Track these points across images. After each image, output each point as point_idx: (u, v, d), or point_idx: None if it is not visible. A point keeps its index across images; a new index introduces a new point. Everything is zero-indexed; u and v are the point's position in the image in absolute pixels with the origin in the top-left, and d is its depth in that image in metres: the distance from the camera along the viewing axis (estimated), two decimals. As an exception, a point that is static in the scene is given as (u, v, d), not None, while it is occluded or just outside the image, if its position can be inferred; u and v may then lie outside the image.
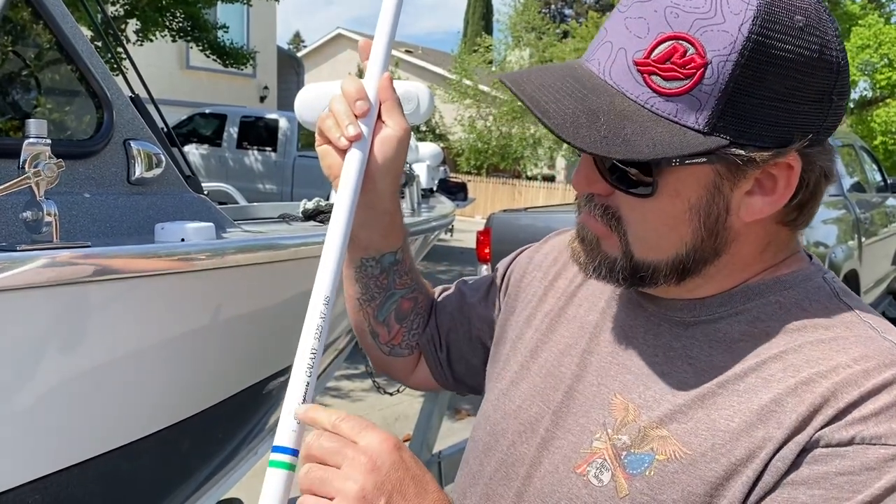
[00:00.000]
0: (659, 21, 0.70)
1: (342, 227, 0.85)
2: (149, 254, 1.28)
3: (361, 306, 1.05)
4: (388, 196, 0.94)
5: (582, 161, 0.79)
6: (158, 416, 1.47)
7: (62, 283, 1.14)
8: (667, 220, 0.76)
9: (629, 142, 0.69)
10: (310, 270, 1.74)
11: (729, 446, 0.72)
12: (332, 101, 0.89)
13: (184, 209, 1.50)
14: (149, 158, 1.43)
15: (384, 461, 0.70)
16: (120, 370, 1.33)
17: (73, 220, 1.27)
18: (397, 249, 1.01)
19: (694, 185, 0.74)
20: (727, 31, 0.68)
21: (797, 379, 0.72)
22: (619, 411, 0.81)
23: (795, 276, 0.81)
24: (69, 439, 1.29)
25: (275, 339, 1.77)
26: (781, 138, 0.71)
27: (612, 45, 0.73)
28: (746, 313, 0.79)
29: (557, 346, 0.92)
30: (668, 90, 0.70)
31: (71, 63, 1.38)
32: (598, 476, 0.78)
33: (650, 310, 0.85)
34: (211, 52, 11.21)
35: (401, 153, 0.91)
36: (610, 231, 0.79)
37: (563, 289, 0.98)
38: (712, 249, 0.77)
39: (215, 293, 1.47)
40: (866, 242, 5.67)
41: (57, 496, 1.27)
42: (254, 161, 11.82)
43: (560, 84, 0.73)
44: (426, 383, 1.13)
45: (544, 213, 5.90)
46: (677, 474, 0.74)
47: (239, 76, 16.58)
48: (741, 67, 0.68)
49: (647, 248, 0.78)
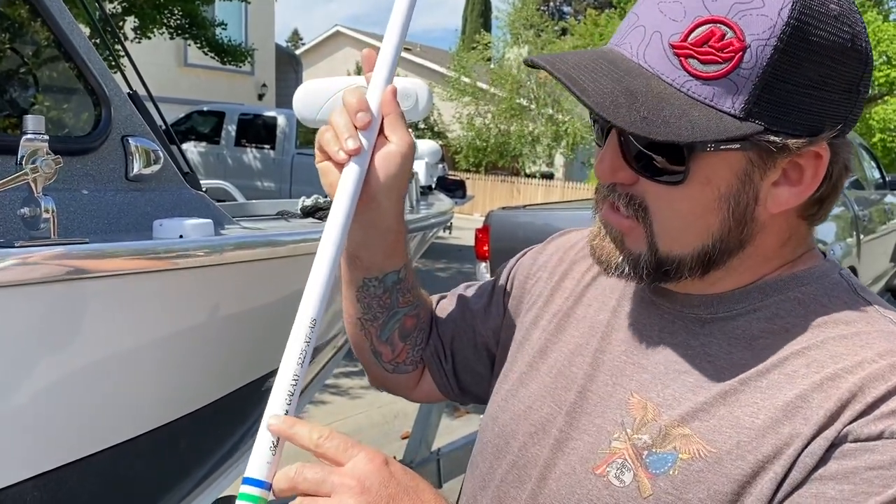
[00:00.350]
0: (696, 4, 0.69)
1: (334, 245, 0.81)
2: (147, 250, 1.28)
3: (363, 326, 1.01)
4: (392, 214, 0.90)
5: (607, 149, 0.77)
6: (156, 414, 1.47)
7: (60, 279, 1.13)
8: (696, 209, 0.74)
9: (668, 124, 0.68)
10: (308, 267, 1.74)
11: (755, 443, 0.71)
12: (333, 113, 0.86)
13: (182, 206, 1.50)
14: (147, 155, 1.43)
15: (372, 481, 0.68)
16: (118, 367, 1.33)
17: (71, 216, 1.27)
18: (400, 268, 0.97)
19: (725, 172, 0.73)
20: (766, 16, 0.67)
21: (822, 375, 0.71)
22: (637, 410, 0.79)
23: (812, 273, 0.80)
24: (68, 436, 1.28)
25: (273, 336, 1.77)
26: (813, 127, 0.71)
27: (645, 29, 0.72)
28: (765, 310, 0.78)
29: (567, 346, 0.90)
30: (704, 74, 0.69)
31: (69, 59, 1.38)
32: (618, 476, 0.77)
33: (665, 307, 0.84)
34: (209, 50, 11.18)
35: (404, 170, 0.87)
36: (635, 222, 0.77)
37: (570, 289, 0.96)
38: (738, 241, 0.76)
39: (214, 290, 1.47)
40: (865, 240, 5.68)
41: (55, 493, 1.27)
42: (252, 159, 11.81)
43: (595, 65, 0.72)
44: (430, 396, 1.10)
45: (543, 211, 5.89)
46: (703, 473, 0.72)
47: (237, 74, 16.55)
48: (780, 52, 0.67)
49: (673, 240, 0.76)
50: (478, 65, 22.42)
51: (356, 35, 28.59)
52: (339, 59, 27.59)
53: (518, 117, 21.96)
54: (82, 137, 1.38)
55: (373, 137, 0.85)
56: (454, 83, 22.03)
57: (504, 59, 22.85)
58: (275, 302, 1.68)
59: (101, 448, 1.34)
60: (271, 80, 18.87)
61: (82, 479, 1.32)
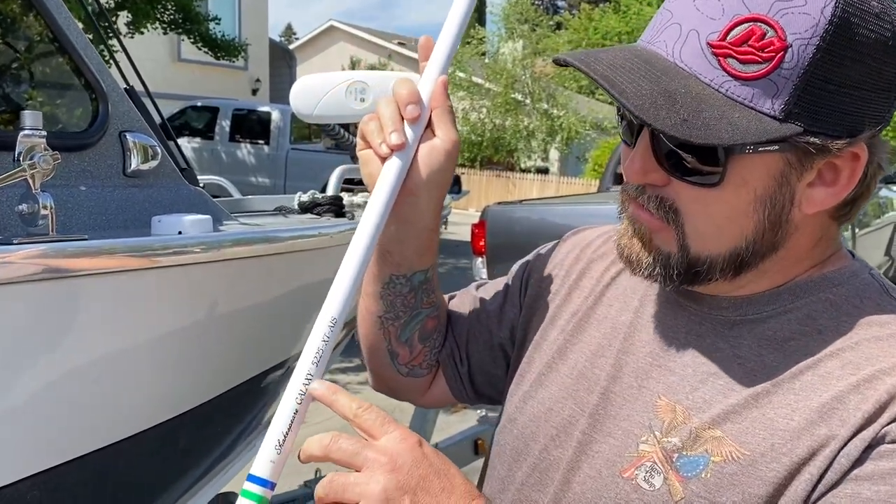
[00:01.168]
0: (735, 2, 0.67)
1: (366, 242, 0.78)
2: (146, 246, 1.27)
3: (383, 325, 0.98)
4: (430, 212, 0.87)
5: (638, 149, 0.74)
6: (156, 411, 1.46)
7: (59, 276, 1.12)
8: (730, 212, 0.73)
9: (709, 126, 0.66)
10: (308, 263, 1.73)
11: (790, 445, 0.70)
12: (380, 103, 0.83)
13: (180, 202, 1.49)
14: (144, 151, 1.42)
15: (405, 459, 0.68)
16: (117, 364, 1.32)
17: (69, 212, 1.26)
18: (429, 268, 0.94)
19: (762, 174, 0.71)
20: (808, 14, 0.66)
21: (858, 377, 0.70)
22: (665, 413, 0.78)
23: (843, 273, 0.79)
24: (66, 434, 1.28)
25: (273, 332, 1.76)
26: (853, 127, 0.69)
27: (680, 27, 0.70)
28: (797, 311, 0.77)
29: (588, 346, 0.89)
30: (744, 74, 0.67)
31: (65, 55, 1.37)
32: (648, 480, 0.75)
33: (692, 309, 0.82)
34: (203, 45, 11.14)
35: (448, 167, 0.84)
36: (665, 224, 0.75)
37: (589, 288, 0.94)
38: (771, 243, 0.75)
39: (213, 286, 1.46)
40: (860, 233, 5.69)
41: (55, 492, 1.26)
42: (246, 154, 11.79)
43: (630, 65, 0.70)
44: (441, 400, 1.07)
45: (539, 206, 5.88)
46: (736, 476, 0.71)
47: (231, 69, 16.49)
48: (822, 52, 0.66)
49: (704, 242, 0.75)
50: (472, 59, 22.38)
51: (350, 30, 28.52)
52: (334, 54, 27.52)
53: (513, 112, 21.94)
54: (80, 133, 1.37)
55: (420, 131, 0.82)
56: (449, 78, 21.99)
57: (499, 53, 22.82)
58: (274, 298, 1.68)
59: (99, 446, 1.33)
60: (265, 75, 18.81)
61: (81, 478, 1.32)
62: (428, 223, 0.89)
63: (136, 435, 1.41)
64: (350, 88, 1.05)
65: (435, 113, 0.83)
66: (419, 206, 0.85)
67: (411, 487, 0.68)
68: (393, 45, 27.05)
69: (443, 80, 0.84)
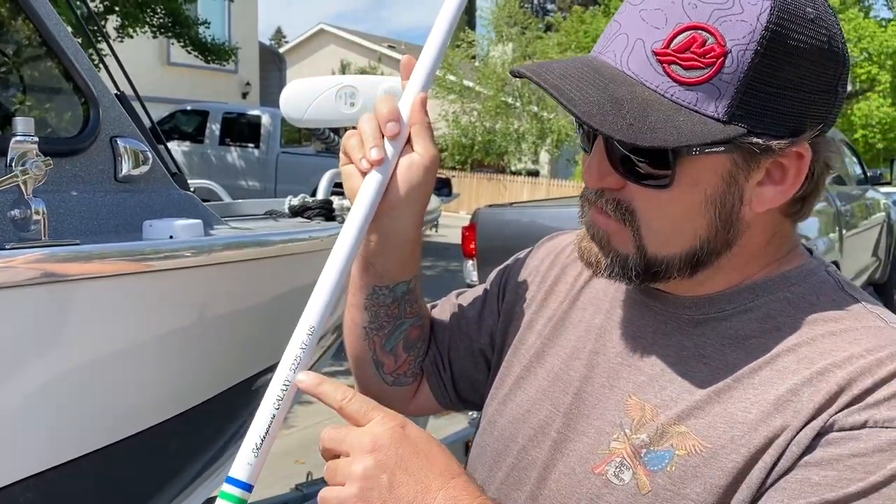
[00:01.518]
0: (677, 11, 0.70)
1: (346, 252, 0.81)
2: (137, 251, 1.28)
3: (368, 335, 1.00)
4: (411, 225, 0.90)
5: (594, 155, 0.78)
6: (147, 414, 1.46)
7: (51, 281, 1.13)
8: (683, 212, 0.76)
9: (655, 130, 0.69)
10: (299, 267, 1.74)
11: (748, 437, 0.73)
12: (361, 120, 0.86)
13: (171, 206, 1.49)
14: (135, 156, 1.42)
15: (385, 439, 0.71)
16: (109, 368, 1.32)
17: (61, 218, 1.26)
18: (411, 279, 0.97)
19: (711, 174, 0.74)
20: (746, 21, 0.69)
21: (812, 370, 0.73)
22: (635, 411, 0.81)
23: (800, 272, 0.82)
24: (58, 438, 1.28)
25: (264, 336, 1.77)
26: (795, 127, 0.73)
27: (627, 37, 0.73)
28: (757, 310, 0.80)
29: (564, 349, 0.91)
30: (687, 79, 0.70)
31: (56, 60, 1.37)
32: (617, 475, 0.78)
33: (657, 309, 0.85)
34: (192, 49, 11.11)
35: (428, 181, 0.87)
36: (622, 226, 0.78)
37: (564, 293, 0.97)
38: (724, 241, 0.78)
39: (204, 290, 1.47)
40: (847, 234, 5.73)
41: (48, 494, 1.27)
42: (236, 158, 11.76)
43: (580, 74, 0.73)
44: (426, 407, 1.10)
45: (530, 208, 5.91)
46: (699, 468, 0.74)
47: (221, 72, 16.45)
48: (760, 56, 0.69)
49: (660, 242, 0.78)
50: (463, 62, 22.41)
51: (340, 33, 28.51)
52: (324, 57, 27.51)
53: (503, 115, 21.98)
54: (71, 139, 1.38)
55: (399, 146, 0.85)
56: (440, 81, 22.01)
57: (489, 56, 22.86)
58: (265, 301, 1.69)
59: (91, 449, 1.33)
60: (255, 78, 18.78)
61: (74, 481, 1.32)
62: (409, 236, 0.91)
63: (128, 438, 1.41)
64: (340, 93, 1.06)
65: (414, 129, 0.86)
66: (400, 219, 0.88)
67: (389, 466, 0.71)
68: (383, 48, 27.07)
69: (422, 97, 0.87)
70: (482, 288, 1.08)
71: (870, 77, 19.29)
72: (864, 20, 19.36)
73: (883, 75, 19.07)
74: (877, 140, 19.62)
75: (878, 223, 7.06)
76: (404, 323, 1.00)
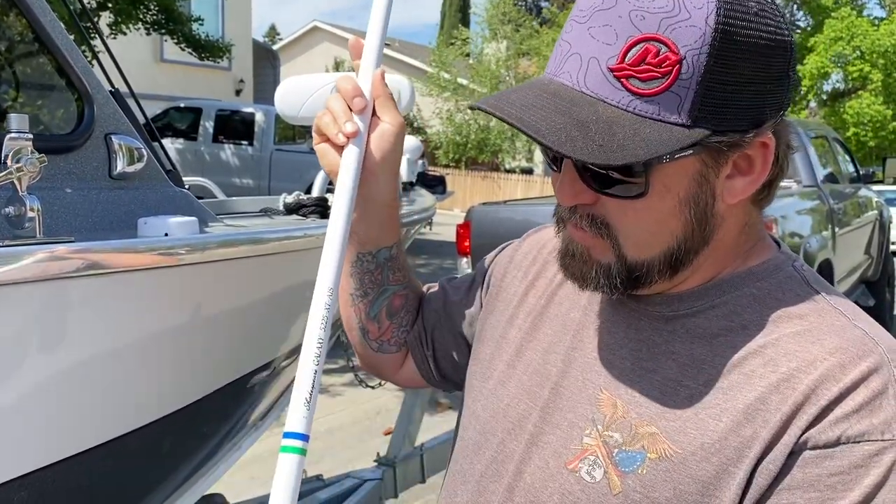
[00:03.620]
0: (625, 25, 0.71)
1: (342, 220, 0.87)
2: (132, 248, 1.27)
3: (354, 302, 1.06)
4: (388, 189, 0.96)
5: (565, 174, 0.79)
6: (142, 412, 1.46)
7: (46, 278, 1.13)
8: (658, 217, 0.77)
9: (624, 147, 0.70)
10: (294, 264, 1.73)
11: (718, 445, 0.74)
12: (330, 99, 0.91)
13: (166, 203, 1.49)
14: (130, 153, 1.42)
15: None
16: (103, 366, 1.32)
17: (55, 215, 1.26)
18: (393, 245, 1.02)
19: (682, 178, 0.75)
20: (695, 26, 0.70)
21: (778, 375, 0.74)
22: (607, 407, 0.82)
23: (767, 267, 0.83)
24: (53, 436, 1.28)
25: (259, 333, 1.77)
26: (756, 119, 0.74)
27: (580, 57, 0.73)
28: (723, 307, 0.81)
29: (541, 344, 0.93)
30: (647, 91, 0.71)
31: (50, 56, 1.37)
32: (590, 472, 0.79)
33: (630, 306, 0.86)
34: (186, 45, 11.06)
35: (397, 146, 0.93)
36: (600, 239, 0.79)
37: (543, 288, 0.98)
38: (701, 238, 0.79)
39: (199, 288, 1.47)
40: (840, 232, 5.75)
41: (42, 493, 1.27)
42: (230, 155, 11.72)
43: (540, 102, 0.74)
44: (413, 380, 1.14)
45: (524, 206, 5.91)
46: (669, 472, 0.75)
47: (214, 69, 16.39)
48: (713, 58, 0.70)
49: (639, 248, 0.79)
50: (457, 60, 22.39)
51: (334, 30, 28.44)
52: (318, 54, 27.44)
53: (497, 113, 21.93)
54: (66, 136, 1.37)
55: (368, 118, 0.92)
56: (434, 79, 21.99)
57: (482, 54, 22.84)
58: (260, 299, 1.68)
59: (85, 448, 1.33)
60: (249, 75, 18.72)
61: (68, 479, 1.32)
62: (387, 199, 0.97)
63: (122, 437, 1.41)
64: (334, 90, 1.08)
65: (378, 101, 0.92)
66: (377, 184, 0.94)
67: None
68: (377, 46, 26.94)
69: (380, 71, 0.93)
70: (471, 275, 1.12)
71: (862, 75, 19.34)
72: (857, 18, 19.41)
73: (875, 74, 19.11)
74: (868, 138, 19.68)
75: (871, 221, 7.08)
76: (388, 290, 1.05)
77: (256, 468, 3.40)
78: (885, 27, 19.21)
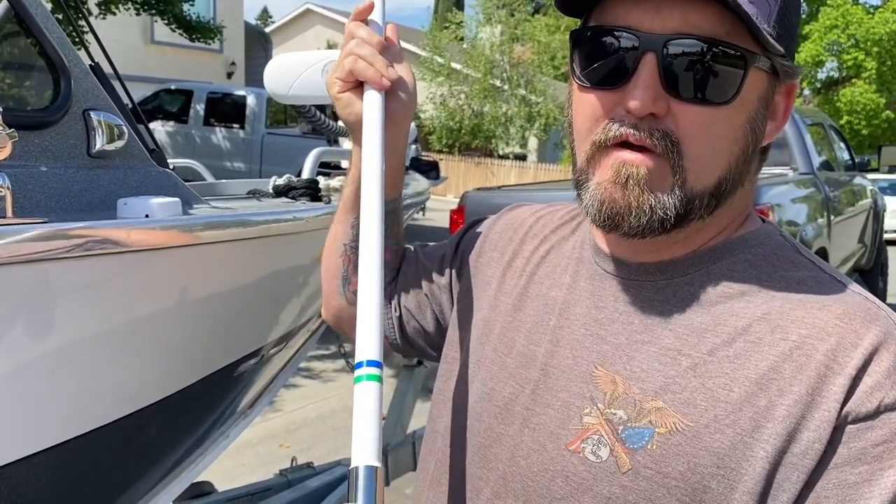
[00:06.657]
0: None
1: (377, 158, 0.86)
2: (110, 230, 1.22)
3: (345, 252, 1.06)
4: (403, 136, 0.99)
5: (640, 79, 0.72)
6: (125, 401, 1.42)
7: (16, 261, 1.07)
8: (729, 133, 0.74)
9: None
10: (282, 248, 1.68)
11: (733, 417, 0.72)
12: (356, 45, 0.91)
13: (148, 184, 1.44)
14: (110, 130, 1.36)
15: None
16: (81, 354, 1.27)
17: (28, 194, 1.20)
18: (396, 197, 1.04)
19: (755, 94, 0.74)
20: None
21: (789, 343, 0.72)
22: (606, 384, 0.79)
23: (758, 234, 0.82)
24: (34, 425, 1.24)
25: (246, 320, 1.72)
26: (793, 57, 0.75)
27: None
28: (718, 273, 0.79)
29: (524, 325, 0.90)
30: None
31: (24, 27, 1.30)
32: (595, 452, 0.76)
33: (620, 277, 0.83)
34: (177, 26, 10.95)
35: (414, 94, 0.97)
36: (662, 159, 0.73)
37: (520, 268, 0.96)
38: (740, 177, 0.78)
39: (182, 272, 1.42)
40: (835, 220, 5.74)
41: (21, 484, 1.22)
42: (221, 138, 11.63)
43: None
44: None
45: (518, 192, 5.88)
46: (681, 446, 0.73)
47: (206, 51, 16.25)
48: None
49: (700, 172, 0.74)
50: (451, 44, 22.28)
51: (327, 13, 28.27)
52: (310, 38, 27.29)
53: (491, 98, 21.89)
54: (40, 111, 1.31)
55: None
56: (427, 63, 21.88)
57: (477, 38, 22.73)
58: (247, 284, 1.63)
59: (69, 437, 1.29)
60: (240, 58, 18.58)
61: (51, 468, 1.28)
62: (400, 148, 1.00)
63: (106, 425, 1.37)
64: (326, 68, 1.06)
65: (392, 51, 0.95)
66: (398, 130, 0.97)
67: None
68: (370, 30, 26.83)
69: (392, 24, 0.96)
70: (443, 246, 1.11)
71: (856, 63, 19.34)
72: (853, 7, 19.40)
73: (869, 62, 19.12)
74: (862, 126, 19.72)
75: (865, 209, 7.08)
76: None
77: (246, 455, 3.40)
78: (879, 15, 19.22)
